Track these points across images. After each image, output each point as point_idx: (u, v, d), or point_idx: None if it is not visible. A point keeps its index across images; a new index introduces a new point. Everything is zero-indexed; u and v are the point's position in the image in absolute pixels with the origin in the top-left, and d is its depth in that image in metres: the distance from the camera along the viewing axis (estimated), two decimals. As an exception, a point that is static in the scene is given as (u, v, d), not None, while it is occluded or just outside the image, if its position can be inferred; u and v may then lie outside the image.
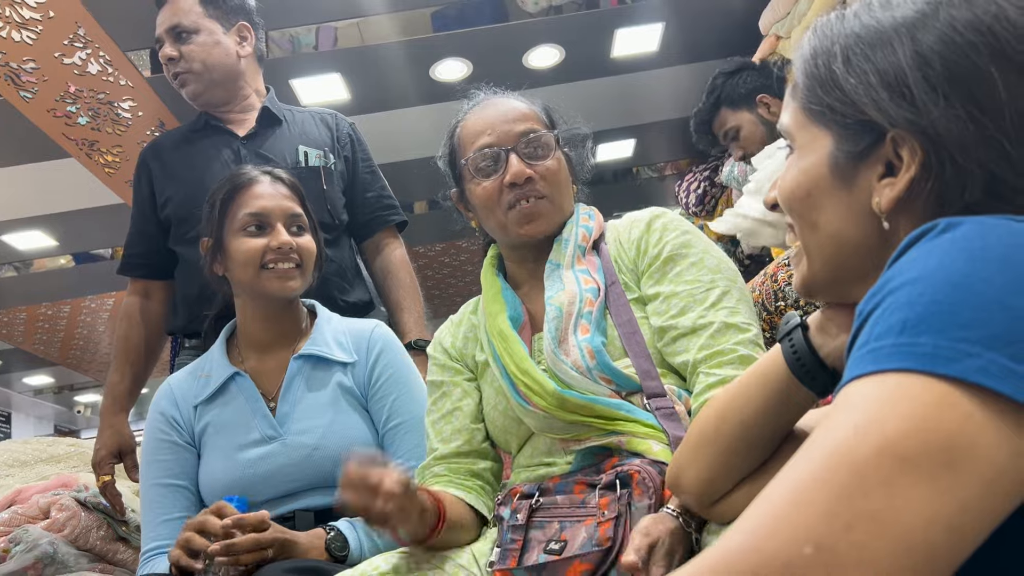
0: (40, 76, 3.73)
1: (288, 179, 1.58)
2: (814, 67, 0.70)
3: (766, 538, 0.44)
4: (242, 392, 1.51)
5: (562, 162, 1.27)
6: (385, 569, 1.05)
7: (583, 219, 1.27)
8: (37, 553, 1.68)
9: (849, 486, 0.44)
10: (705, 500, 0.86)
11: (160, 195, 1.97)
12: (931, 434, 0.45)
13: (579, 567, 0.94)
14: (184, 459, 1.50)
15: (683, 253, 1.17)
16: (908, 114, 0.62)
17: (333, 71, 4.09)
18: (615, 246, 1.25)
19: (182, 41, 1.93)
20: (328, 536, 1.30)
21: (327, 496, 1.45)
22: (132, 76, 3.89)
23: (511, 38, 4.00)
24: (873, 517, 0.43)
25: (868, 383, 0.48)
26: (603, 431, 1.07)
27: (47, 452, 2.32)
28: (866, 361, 0.49)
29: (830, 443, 0.47)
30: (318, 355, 1.52)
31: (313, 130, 2.05)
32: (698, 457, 0.85)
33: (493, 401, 1.23)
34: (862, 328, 0.52)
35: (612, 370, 1.10)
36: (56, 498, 1.82)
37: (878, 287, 0.53)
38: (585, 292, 1.16)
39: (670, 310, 1.12)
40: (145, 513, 1.49)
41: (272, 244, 1.48)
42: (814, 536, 0.43)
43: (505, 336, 1.19)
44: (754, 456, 0.82)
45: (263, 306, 1.54)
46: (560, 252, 1.23)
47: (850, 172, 0.67)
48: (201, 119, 2.03)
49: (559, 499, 1.04)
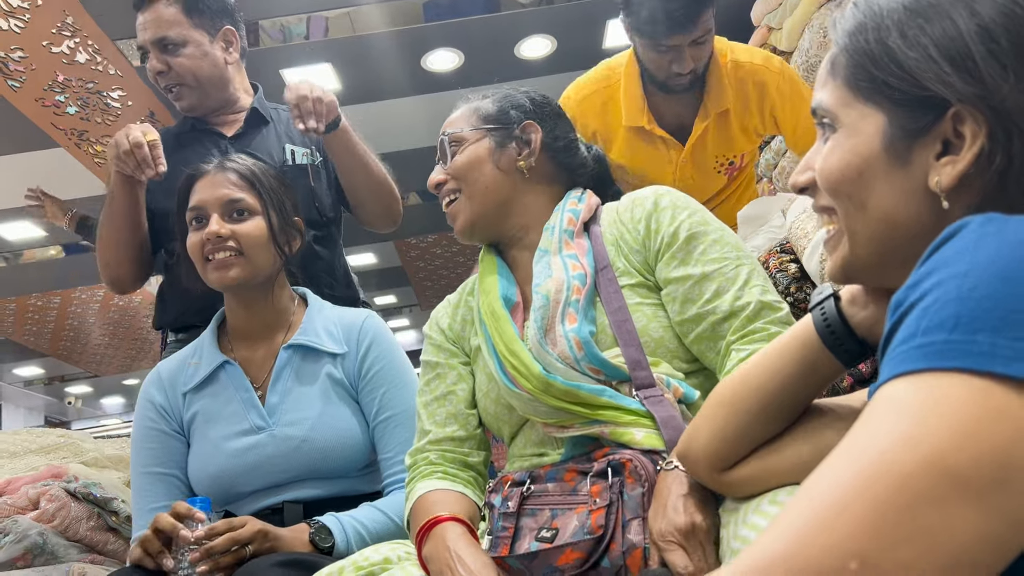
0: (28, 65, 3.70)
1: (240, 166, 1.53)
2: (863, 42, 0.67)
3: (810, 547, 0.43)
4: (232, 381, 1.50)
5: (473, 153, 1.26)
6: (376, 560, 1.05)
7: (571, 203, 1.25)
8: (27, 544, 1.67)
9: (897, 501, 0.43)
10: (716, 464, 0.84)
11: (149, 199, 1.94)
12: (984, 447, 0.43)
13: (571, 555, 0.94)
14: (172, 447, 1.50)
15: (703, 231, 1.14)
16: (975, 89, 0.60)
17: (324, 61, 4.07)
18: (616, 227, 1.22)
19: (169, 53, 1.90)
20: (312, 530, 1.30)
21: (316, 488, 1.45)
22: (121, 65, 3.86)
23: (503, 28, 3.99)
24: (921, 534, 0.42)
25: (918, 383, 0.46)
26: (587, 419, 1.07)
27: (37, 443, 2.31)
28: (914, 357, 0.47)
29: (877, 450, 0.45)
30: (308, 345, 1.52)
31: None
32: (713, 418, 0.84)
33: (485, 387, 1.22)
34: (902, 320, 0.50)
35: (601, 361, 1.09)
36: (46, 489, 1.81)
37: (919, 277, 0.50)
38: (572, 279, 1.14)
39: (704, 294, 1.10)
40: (135, 501, 1.50)
41: (204, 235, 1.46)
42: (859, 551, 0.42)
43: (496, 315, 1.19)
44: (770, 424, 0.81)
45: (233, 298, 1.54)
46: (547, 239, 1.22)
47: (905, 151, 0.65)
48: (187, 122, 2.01)
49: (550, 487, 1.03)
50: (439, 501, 1.14)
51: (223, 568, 1.20)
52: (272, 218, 1.51)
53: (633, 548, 0.90)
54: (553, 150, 1.29)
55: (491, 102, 1.30)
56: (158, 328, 2.04)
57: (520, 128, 1.27)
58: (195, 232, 1.48)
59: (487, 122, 1.28)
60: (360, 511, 1.39)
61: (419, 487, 1.19)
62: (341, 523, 1.33)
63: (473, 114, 1.29)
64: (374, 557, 1.05)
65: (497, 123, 1.28)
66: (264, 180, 1.53)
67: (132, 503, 1.51)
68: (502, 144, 1.27)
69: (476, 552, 0.99)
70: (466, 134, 1.27)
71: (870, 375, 1.92)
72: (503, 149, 1.26)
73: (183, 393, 1.52)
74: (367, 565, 1.03)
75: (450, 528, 1.04)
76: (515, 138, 1.27)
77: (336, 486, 1.47)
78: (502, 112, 1.28)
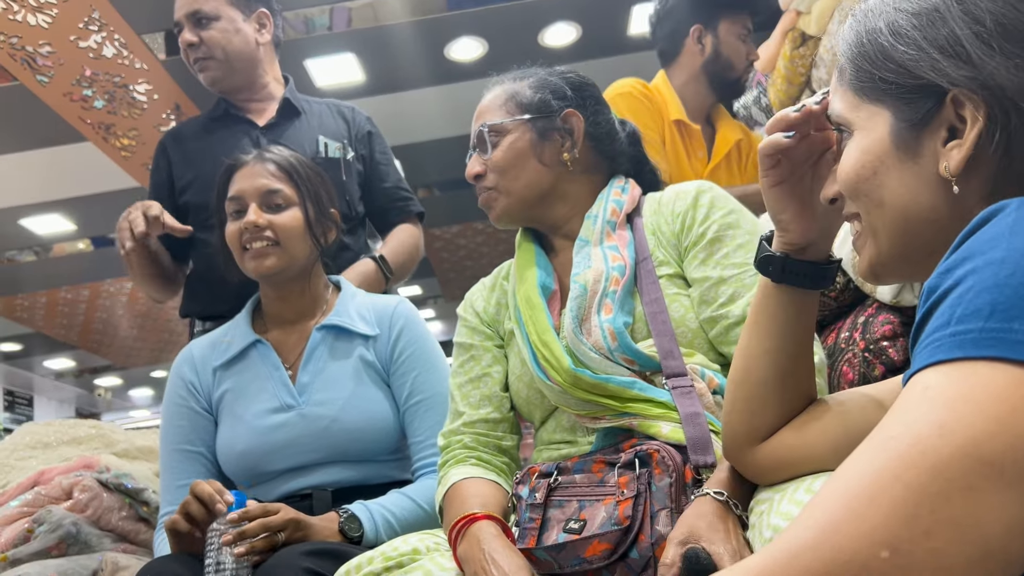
0: (56, 60, 3.75)
1: (278, 157, 1.55)
2: (860, 47, 0.70)
3: (841, 536, 0.43)
4: (263, 359, 1.52)
5: (514, 148, 1.23)
6: (405, 550, 1.04)
7: (615, 193, 1.23)
8: (61, 533, 1.69)
9: (930, 489, 0.43)
10: (751, 438, 0.86)
11: (179, 180, 1.99)
12: (1018, 436, 0.43)
13: (599, 546, 0.94)
14: (200, 426, 1.51)
15: (729, 234, 1.13)
16: (966, 71, 0.62)
17: (348, 51, 4.08)
18: (656, 217, 1.21)
19: (202, 27, 1.93)
20: (341, 519, 1.31)
21: (344, 471, 1.46)
22: (147, 59, 3.89)
23: (527, 16, 3.97)
24: (953, 523, 0.42)
25: (953, 371, 0.46)
26: (616, 411, 1.06)
27: (69, 434, 2.34)
28: (949, 346, 0.47)
29: (910, 438, 0.45)
30: (340, 326, 1.53)
31: (331, 122, 2.07)
32: (735, 399, 0.87)
33: (518, 371, 1.22)
34: (936, 307, 0.49)
35: (634, 351, 1.08)
36: (78, 479, 1.84)
37: (953, 264, 0.50)
38: (612, 270, 1.13)
39: (719, 298, 1.10)
40: (163, 477, 1.52)
41: (243, 225, 1.48)
42: (891, 539, 0.42)
43: (532, 304, 1.18)
44: (787, 381, 0.84)
45: (269, 286, 1.55)
46: (589, 229, 1.21)
47: (913, 142, 0.66)
48: (220, 106, 2.04)
49: (577, 478, 1.03)
50: (474, 493, 1.13)
51: (255, 552, 1.21)
52: (308, 209, 1.52)
53: (661, 539, 0.90)
54: (595, 138, 1.26)
55: (529, 88, 1.26)
56: (184, 316, 2.06)
57: (561, 117, 1.23)
58: (233, 222, 1.50)
59: (527, 111, 1.24)
60: (389, 499, 1.39)
61: (453, 473, 1.19)
62: (370, 512, 1.34)
63: (511, 100, 1.25)
64: (403, 548, 1.05)
65: (538, 112, 1.23)
66: (302, 171, 1.55)
67: (160, 479, 1.53)
68: (544, 135, 1.23)
69: (510, 553, 0.99)
70: (507, 125, 1.23)
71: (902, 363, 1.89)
72: (545, 141, 1.23)
73: (214, 369, 1.54)
74: (396, 556, 1.03)
75: (485, 528, 1.03)
76: (556, 128, 1.23)
77: (365, 470, 1.48)
78: (543, 101, 1.24)
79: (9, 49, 3.59)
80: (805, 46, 2.53)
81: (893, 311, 2.03)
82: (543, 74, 1.28)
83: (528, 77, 1.28)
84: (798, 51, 2.54)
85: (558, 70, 1.31)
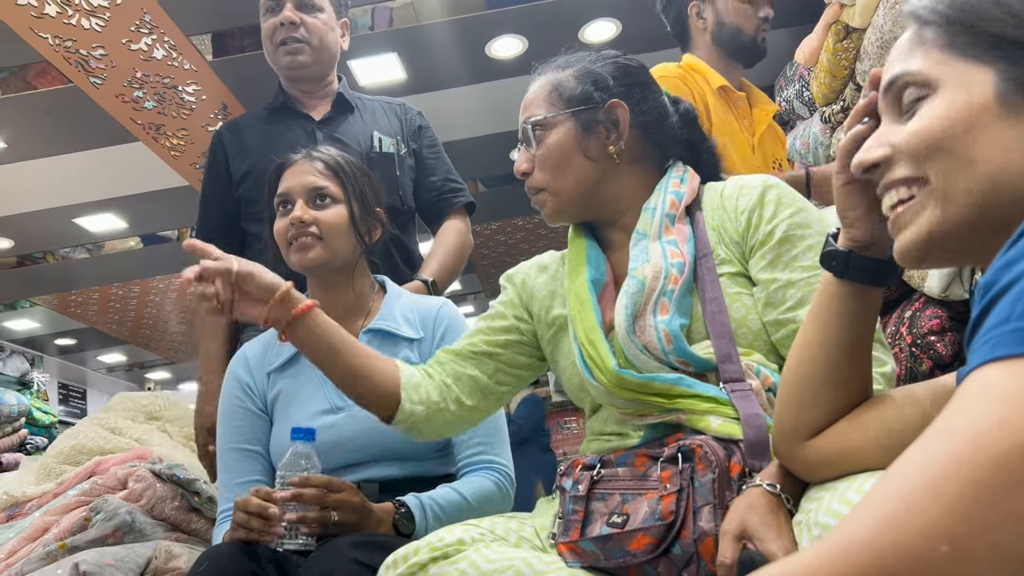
0: (108, 62, 3.84)
1: (326, 156, 1.58)
2: (966, 3, 0.66)
3: (898, 530, 0.42)
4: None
5: (559, 144, 1.19)
6: (450, 540, 1.04)
7: (673, 184, 1.19)
8: (116, 522, 1.74)
9: (991, 483, 0.41)
10: (801, 433, 0.85)
11: (236, 172, 2.03)
12: None
13: (643, 540, 0.94)
14: (257, 425, 1.55)
15: (799, 234, 1.09)
16: None
17: (390, 51, 4.11)
18: (718, 212, 1.16)
19: (306, 11, 1.97)
20: (397, 515, 1.34)
21: (392, 468, 1.49)
22: (195, 60, 3.97)
23: (567, 12, 3.96)
24: (1015, 517, 0.41)
25: (1014, 368, 0.44)
26: (663, 408, 1.05)
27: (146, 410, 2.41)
28: (1009, 342, 0.45)
29: (970, 433, 0.44)
30: (386, 330, 1.56)
31: (383, 119, 2.10)
32: (789, 392, 0.87)
33: (572, 358, 1.19)
34: (995, 303, 0.48)
35: (689, 355, 1.06)
36: (133, 469, 1.89)
37: (1013, 258, 0.48)
38: (671, 267, 1.10)
39: (786, 302, 1.07)
40: (221, 476, 1.56)
41: (289, 220, 1.51)
42: (951, 534, 0.41)
43: (581, 300, 1.17)
44: (841, 377, 0.84)
45: (314, 281, 1.58)
46: (647, 222, 1.17)
47: (1019, 102, 0.63)
48: (278, 99, 2.08)
49: (620, 471, 1.03)
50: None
51: (306, 523, 1.25)
52: (353, 207, 1.55)
53: (704, 536, 0.90)
54: (642, 127, 1.22)
55: (572, 78, 1.22)
56: None
57: (605, 109, 1.19)
58: (281, 217, 1.54)
59: (570, 104, 1.20)
60: (440, 493, 1.42)
61: None
62: (424, 508, 1.37)
63: (554, 92, 1.22)
64: (449, 539, 1.04)
65: (580, 105, 1.20)
66: (348, 170, 1.58)
67: (218, 478, 1.57)
68: (588, 128, 1.19)
69: None
70: (550, 120, 1.20)
71: (950, 359, 1.86)
72: (590, 134, 1.19)
73: (267, 373, 1.57)
74: (442, 547, 1.03)
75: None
76: (600, 121, 1.20)
77: (411, 467, 1.51)
78: (585, 93, 1.20)
79: (64, 52, 3.69)
80: (849, 39, 2.48)
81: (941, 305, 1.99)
82: (587, 62, 1.24)
83: (572, 66, 1.24)
84: (842, 44, 2.50)
85: (604, 55, 1.27)
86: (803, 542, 0.81)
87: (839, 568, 0.43)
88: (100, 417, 2.30)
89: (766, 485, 0.86)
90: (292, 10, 1.95)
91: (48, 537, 1.74)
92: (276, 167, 1.59)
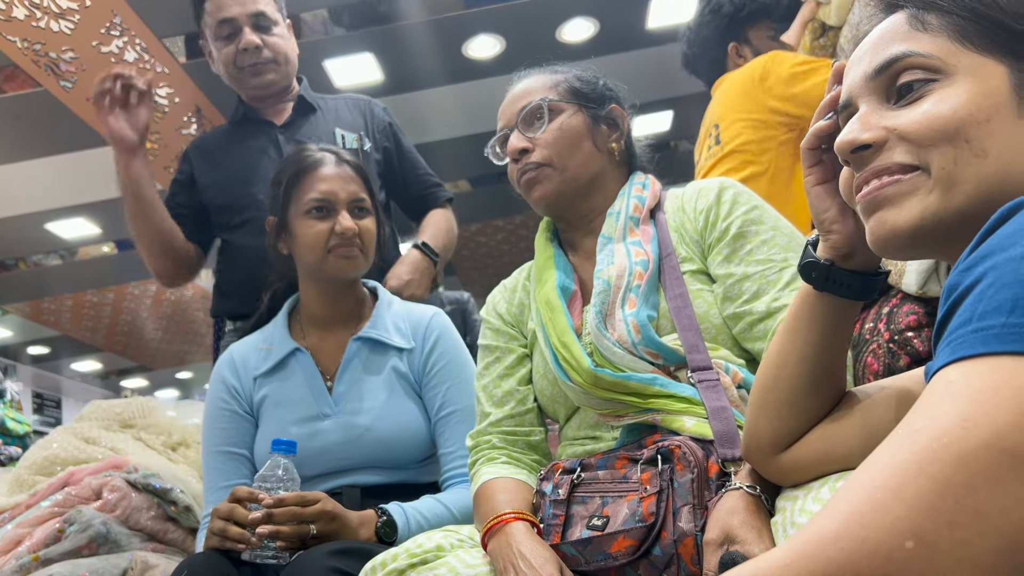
0: (79, 65, 3.79)
1: (353, 161, 1.59)
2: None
3: (866, 527, 0.43)
4: (302, 368, 1.54)
5: (570, 126, 1.23)
6: (429, 547, 1.05)
7: (636, 189, 1.25)
8: (91, 533, 1.71)
9: (955, 480, 0.43)
10: (778, 445, 0.84)
11: (200, 179, 2.01)
12: None
13: (624, 542, 0.94)
14: (242, 428, 1.54)
15: (753, 230, 1.13)
16: None
17: (366, 51, 4.09)
18: (679, 215, 1.22)
19: (264, 31, 1.94)
20: (379, 522, 1.33)
21: (375, 475, 1.49)
22: (168, 63, 3.93)
23: (544, 12, 3.96)
24: (978, 514, 0.42)
25: (976, 367, 0.46)
26: (639, 408, 1.07)
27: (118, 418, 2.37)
28: (971, 342, 0.47)
29: (935, 432, 0.45)
30: (376, 339, 1.55)
31: (347, 115, 2.09)
32: (764, 404, 0.84)
33: (542, 370, 1.23)
34: (958, 304, 0.49)
35: (658, 345, 1.08)
36: (107, 479, 1.86)
37: (974, 261, 0.49)
38: (635, 265, 1.14)
39: (743, 295, 1.10)
40: (205, 479, 1.55)
41: (337, 229, 1.50)
42: (917, 530, 0.42)
43: (551, 306, 1.19)
44: (820, 390, 0.82)
45: (325, 287, 1.57)
46: (612, 225, 1.21)
47: None
48: (239, 111, 2.06)
49: (600, 474, 1.03)
50: (504, 491, 1.14)
51: (284, 538, 1.23)
52: (380, 217, 1.59)
53: (684, 536, 0.90)
54: (627, 136, 1.30)
55: (576, 79, 1.28)
56: (215, 316, 2.08)
57: (608, 110, 1.28)
58: (319, 221, 1.52)
59: (579, 98, 1.26)
60: (424, 504, 1.40)
61: (484, 472, 1.20)
62: (407, 517, 1.35)
63: (560, 84, 1.27)
64: (427, 544, 1.05)
65: (589, 98, 1.27)
66: (369, 179, 1.60)
67: (203, 481, 1.56)
68: (596, 121, 1.26)
69: (539, 547, 1.00)
70: (562, 103, 1.25)
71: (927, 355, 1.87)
72: (597, 127, 1.26)
73: (254, 377, 1.56)
74: (421, 552, 1.03)
75: (515, 527, 1.04)
76: (603, 118, 1.27)
77: (394, 475, 1.50)
78: (595, 91, 1.27)
79: (33, 56, 3.64)
80: (825, 36, 2.50)
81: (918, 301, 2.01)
82: (580, 69, 1.31)
83: (569, 70, 1.30)
84: (818, 42, 2.52)
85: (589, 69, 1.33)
86: (780, 542, 0.81)
87: (809, 565, 0.45)
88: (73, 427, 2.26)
89: (746, 487, 0.86)
90: (252, 33, 1.92)
91: (21, 550, 1.70)
92: (303, 165, 1.56)
